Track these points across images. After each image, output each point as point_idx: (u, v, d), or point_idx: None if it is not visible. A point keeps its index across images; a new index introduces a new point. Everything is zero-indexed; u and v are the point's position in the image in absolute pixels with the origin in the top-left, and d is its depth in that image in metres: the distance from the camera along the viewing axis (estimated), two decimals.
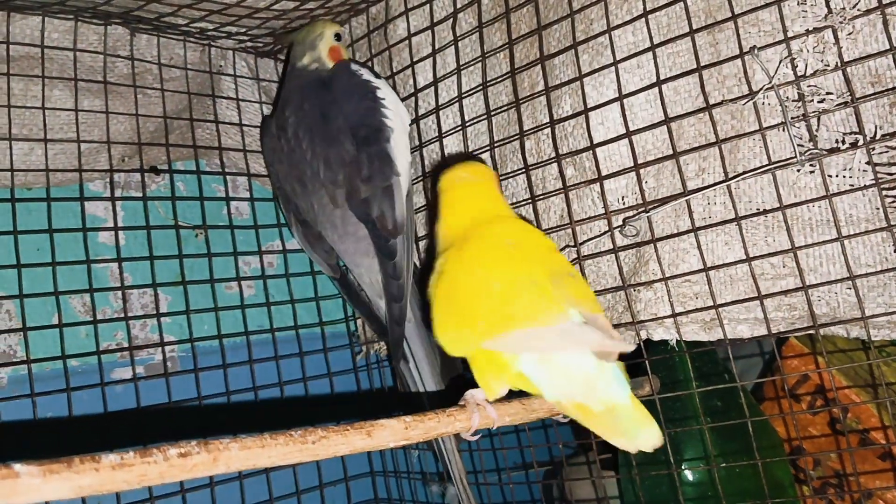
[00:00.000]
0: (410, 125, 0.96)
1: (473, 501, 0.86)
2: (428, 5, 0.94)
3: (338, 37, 0.96)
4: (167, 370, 0.96)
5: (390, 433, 0.55)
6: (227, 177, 1.08)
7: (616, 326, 0.80)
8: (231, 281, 1.06)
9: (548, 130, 0.84)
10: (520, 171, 0.86)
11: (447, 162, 0.91)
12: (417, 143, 0.96)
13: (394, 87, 0.98)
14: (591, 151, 0.80)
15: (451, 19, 0.92)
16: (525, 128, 0.86)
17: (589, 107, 0.80)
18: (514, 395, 0.66)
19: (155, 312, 0.98)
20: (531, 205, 0.86)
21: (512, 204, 0.88)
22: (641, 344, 0.78)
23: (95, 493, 0.43)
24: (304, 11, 0.93)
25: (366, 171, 0.88)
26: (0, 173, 0.89)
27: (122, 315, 0.95)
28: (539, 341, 0.59)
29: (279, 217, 1.12)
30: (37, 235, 0.90)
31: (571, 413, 0.61)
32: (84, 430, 0.90)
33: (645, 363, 0.79)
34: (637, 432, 0.58)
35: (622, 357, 0.58)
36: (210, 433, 0.53)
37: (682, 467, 0.90)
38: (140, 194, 1.00)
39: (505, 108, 0.88)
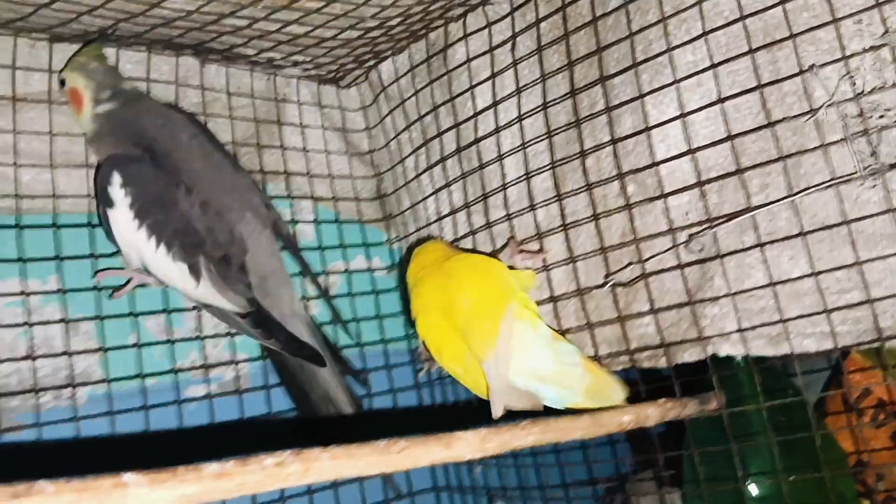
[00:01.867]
0: (469, 147, 0.98)
1: None
2: (486, 30, 0.97)
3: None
4: (240, 387, 0.99)
5: (467, 445, 0.57)
6: (293, 200, 1.12)
7: (681, 343, 0.81)
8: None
9: (608, 149, 0.85)
10: (581, 190, 0.88)
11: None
12: (478, 164, 0.98)
13: (453, 110, 1.01)
14: (653, 168, 0.81)
15: (510, 43, 0.94)
16: (585, 146, 0.87)
17: (650, 125, 0.81)
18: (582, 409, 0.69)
19: (226, 332, 1.01)
20: (593, 222, 0.87)
21: (572, 222, 0.89)
22: (708, 360, 0.79)
23: (200, 502, 0.46)
24: (368, 39, 0.96)
25: (263, 196, 0.94)
26: (80, 200, 0.93)
27: (196, 335, 0.99)
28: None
29: (342, 238, 1.15)
30: (113, 258, 0.94)
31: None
32: (161, 444, 0.93)
33: (712, 378, 0.80)
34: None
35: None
36: (281, 447, 0.55)
37: (748, 482, 0.90)
38: None
39: (564, 127, 0.90)
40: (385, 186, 1.18)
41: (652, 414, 0.71)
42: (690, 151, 0.79)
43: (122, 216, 0.82)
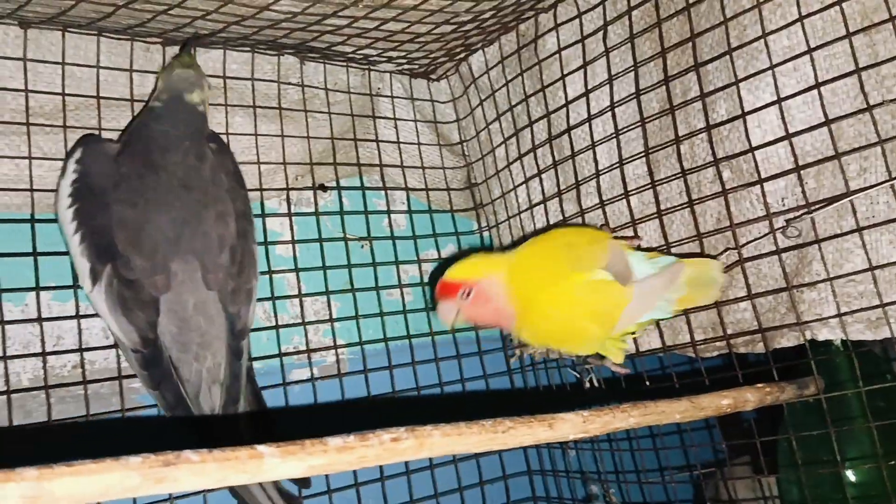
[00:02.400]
0: (560, 136, 1.00)
1: None
2: (577, 20, 0.98)
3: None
4: (340, 371, 1.04)
5: (570, 426, 0.59)
6: (387, 191, 1.16)
7: (779, 328, 0.81)
8: (393, 288, 1.12)
9: (703, 135, 0.86)
10: (675, 177, 0.89)
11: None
12: (570, 152, 1.00)
13: (544, 99, 1.02)
14: (749, 154, 0.82)
15: (602, 31, 0.95)
16: (679, 133, 0.88)
17: (746, 110, 0.82)
18: (677, 392, 0.70)
19: (328, 318, 1.06)
20: (689, 209, 0.88)
21: (666, 209, 0.90)
22: (806, 344, 0.79)
23: (324, 473, 0.49)
24: (461, 33, 0.99)
25: (237, 263, 0.84)
26: None
27: (299, 321, 1.04)
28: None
29: (434, 228, 1.18)
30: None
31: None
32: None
33: (811, 363, 0.80)
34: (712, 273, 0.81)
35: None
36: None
37: (846, 467, 0.90)
38: (311, 210, 1.09)
39: (657, 114, 0.91)
40: (475, 176, 1.21)
41: (750, 398, 0.72)
42: (787, 136, 0.78)
43: (63, 189, 0.80)
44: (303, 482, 0.91)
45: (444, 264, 0.95)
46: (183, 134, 0.83)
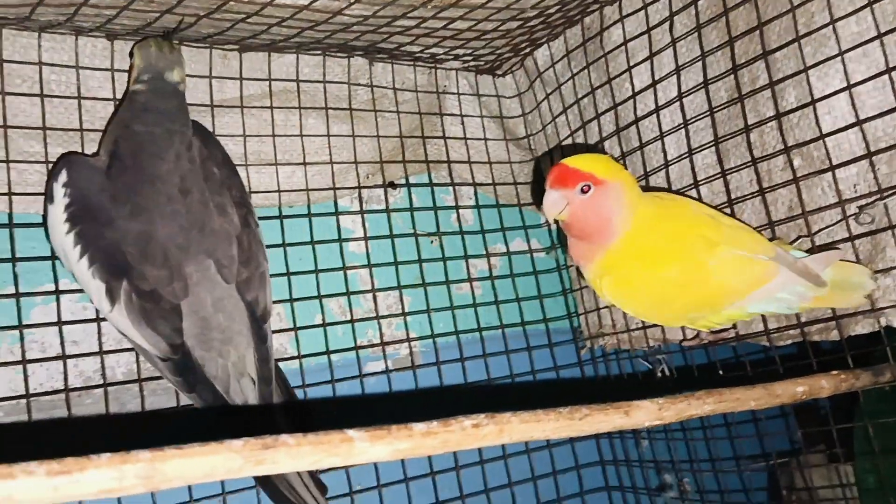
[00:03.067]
0: (628, 127, 1.01)
1: None
2: (643, 11, 0.98)
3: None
4: (413, 363, 1.06)
5: (645, 413, 0.60)
6: (455, 187, 1.18)
7: (853, 315, 0.81)
8: (462, 282, 1.15)
9: (773, 123, 0.86)
10: (745, 165, 0.89)
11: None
12: (638, 143, 1.00)
13: (611, 91, 1.03)
14: (820, 141, 0.81)
15: (668, 22, 0.95)
16: (748, 122, 0.88)
17: (815, 97, 0.81)
18: (758, 378, 0.71)
19: (400, 312, 1.08)
20: (760, 197, 0.88)
21: (737, 198, 0.90)
22: (882, 331, 0.79)
23: (409, 456, 0.52)
24: (526, 29, 1.00)
25: (245, 251, 0.84)
26: (269, 194, 1.02)
27: (372, 315, 1.07)
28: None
29: (502, 222, 1.20)
30: (300, 247, 1.03)
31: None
32: (345, 413, 1.02)
33: (886, 350, 0.79)
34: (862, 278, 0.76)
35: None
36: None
37: None
38: (381, 207, 1.12)
39: (726, 104, 0.91)
40: (543, 169, 1.22)
41: (825, 385, 0.72)
42: (858, 123, 0.78)
43: (56, 216, 0.78)
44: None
45: None
46: (168, 132, 0.81)
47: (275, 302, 1.01)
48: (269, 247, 0.98)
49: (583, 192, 0.77)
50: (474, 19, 0.91)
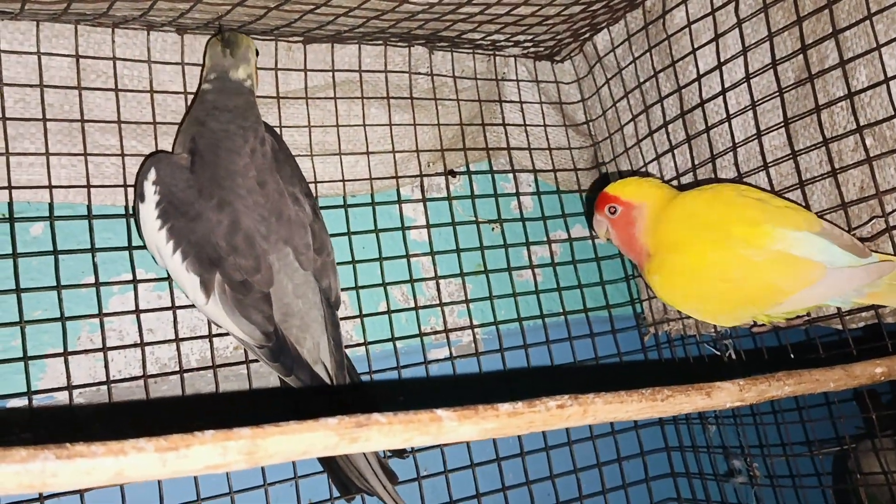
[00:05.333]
0: (693, 110, 1.00)
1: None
2: None
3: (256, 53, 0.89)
4: (477, 350, 1.07)
5: (727, 394, 0.60)
6: (515, 174, 1.18)
7: None
8: (524, 269, 1.15)
9: (842, 103, 0.84)
10: (815, 146, 0.87)
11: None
12: (704, 126, 0.99)
13: (675, 74, 1.02)
14: (893, 120, 0.79)
15: (734, 3, 0.94)
16: (818, 102, 0.87)
17: (889, 76, 0.80)
18: (830, 361, 0.70)
19: (462, 299, 1.09)
20: (831, 178, 0.86)
21: (807, 180, 0.89)
22: None
23: (495, 436, 0.52)
24: (588, 13, 1.00)
25: (318, 240, 0.87)
26: (334, 184, 1.03)
27: (435, 302, 1.08)
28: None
29: (563, 209, 1.20)
30: (364, 235, 1.04)
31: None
32: (411, 396, 1.03)
33: None
34: None
35: None
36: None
37: None
38: (442, 195, 1.12)
39: (794, 84, 0.89)
40: (602, 155, 1.21)
41: None
42: None
43: (148, 213, 0.80)
44: (399, 452, 0.94)
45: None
46: (241, 128, 0.84)
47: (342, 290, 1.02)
48: (333, 235, 1.00)
49: (611, 213, 0.89)
50: (538, 4, 0.91)
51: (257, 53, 0.89)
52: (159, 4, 0.78)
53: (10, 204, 0.84)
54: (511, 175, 1.18)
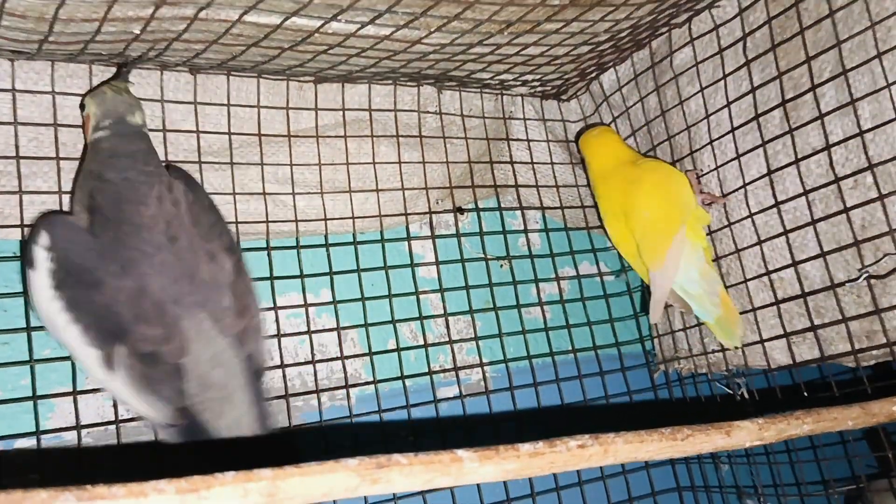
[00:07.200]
0: (701, 149, 1.00)
1: None
2: (714, 33, 0.98)
3: None
4: (487, 388, 1.06)
5: (746, 433, 0.60)
6: (523, 211, 1.18)
7: None
8: (533, 306, 1.15)
9: (853, 141, 0.85)
10: (826, 185, 0.88)
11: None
12: (713, 164, 1.00)
13: (682, 113, 1.03)
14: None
15: (742, 43, 0.95)
16: (830, 140, 0.87)
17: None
18: (845, 399, 0.69)
19: (471, 336, 1.09)
20: (843, 216, 0.87)
21: (819, 218, 0.89)
22: None
23: (516, 477, 0.52)
24: (596, 53, 1.01)
25: (240, 301, 0.77)
26: (344, 221, 1.03)
27: (444, 339, 1.07)
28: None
29: (571, 245, 1.20)
30: (372, 273, 1.04)
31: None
32: (421, 435, 1.02)
33: None
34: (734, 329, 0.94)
35: None
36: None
37: None
38: (450, 232, 1.12)
39: (804, 124, 0.90)
40: None
41: None
42: None
43: (39, 281, 0.71)
44: None
45: None
46: (144, 174, 0.75)
47: (349, 327, 1.02)
48: (342, 273, 1.00)
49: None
50: (548, 44, 0.92)
51: None
52: (175, 45, 0.78)
53: (23, 242, 0.84)
54: (519, 212, 1.18)
